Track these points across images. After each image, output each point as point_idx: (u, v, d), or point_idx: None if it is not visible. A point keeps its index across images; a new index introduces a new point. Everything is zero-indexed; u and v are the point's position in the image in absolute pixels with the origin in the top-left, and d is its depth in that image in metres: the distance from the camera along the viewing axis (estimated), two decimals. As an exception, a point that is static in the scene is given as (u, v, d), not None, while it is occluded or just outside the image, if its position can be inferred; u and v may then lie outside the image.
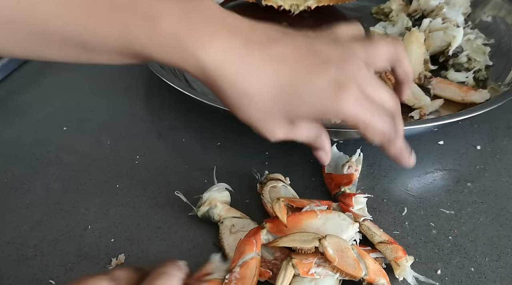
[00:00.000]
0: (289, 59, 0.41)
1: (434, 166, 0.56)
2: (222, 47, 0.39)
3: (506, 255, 0.46)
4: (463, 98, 0.63)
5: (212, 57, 0.39)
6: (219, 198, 0.49)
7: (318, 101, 0.40)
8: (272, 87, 0.40)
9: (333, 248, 0.39)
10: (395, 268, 0.43)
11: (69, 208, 0.52)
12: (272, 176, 0.52)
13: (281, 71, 0.40)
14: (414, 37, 0.67)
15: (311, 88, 0.40)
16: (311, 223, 0.43)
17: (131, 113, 0.65)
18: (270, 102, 0.40)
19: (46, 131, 0.62)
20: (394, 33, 0.75)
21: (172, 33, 0.39)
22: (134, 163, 0.57)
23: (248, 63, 0.39)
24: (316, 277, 0.40)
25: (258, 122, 0.41)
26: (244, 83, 0.39)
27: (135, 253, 0.47)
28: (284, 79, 0.40)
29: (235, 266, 0.40)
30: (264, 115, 0.41)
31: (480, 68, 0.69)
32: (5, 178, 0.56)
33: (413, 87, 0.64)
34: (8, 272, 0.46)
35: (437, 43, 0.69)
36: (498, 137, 0.60)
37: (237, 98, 0.40)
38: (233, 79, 0.39)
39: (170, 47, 0.39)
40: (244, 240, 0.42)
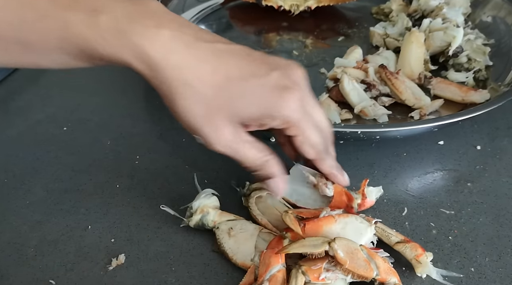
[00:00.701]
0: (237, 55, 0.41)
1: (434, 166, 0.56)
2: (169, 37, 0.39)
3: (506, 255, 0.46)
4: (463, 98, 0.63)
5: (158, 47, 0.38)
6: (210, 204, 0.48)
7: (262, 98, 0.41)
8: (218, 79, 0.40)
9: (343, 250, 0.39)
10: (417, 266, 0.43)
11: (69, 208, 0.52)
12: (255, 186, 0.50)
13: (229, 65, 0.40)
14: (414, 37, 0.67)
15: (257, 84, 0.40)
16: (330, 229, 0.43)
17: (131, 113, 0.65)
18: (213, 94, 0.40)
19: (46, 131, 0.62)
20: (394, 33, 0.75)
21: (115, 25, 0.38)
22: (134, 163, 0.57)
23: (195, 55, 0.39)
24: (327, 282, 0.40)
25: (200, 118, 0.40)
26: (189, 73, 0.39)
27: (135, 253, 0.47)
28: (230, 72, 0.40)
29: (263, 281, 0.40)
30: (206, 109, 0.40)
31: (480, 68, 0.69)
32: (5, 178, 0.56)
33: (414, 87, 0.64)
34: (8, 272, 0.46)
35: (437, 43, 0.69)
36: (498, 137, 0.60)
37: (180, 88, 0.39)
38: (178, 69, 0.39)
39: (113, 39, 0.38)
40: (268, 253, 0.41)
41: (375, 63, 0.66)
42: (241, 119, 0.42)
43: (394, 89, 0.63)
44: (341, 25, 0.84)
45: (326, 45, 0.79)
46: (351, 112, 0.62)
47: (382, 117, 0.61)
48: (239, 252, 0.45)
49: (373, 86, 0.63)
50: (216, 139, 0.42)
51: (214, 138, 0.41)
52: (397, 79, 0.63)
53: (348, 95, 0.62)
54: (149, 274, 0.45)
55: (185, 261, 0.46)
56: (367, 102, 0.62)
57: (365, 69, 0.65)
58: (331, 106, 0.63)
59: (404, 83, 0.63)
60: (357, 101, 0.62)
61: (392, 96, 0.64)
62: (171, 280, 0.45)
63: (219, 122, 0.41)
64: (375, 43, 0.77)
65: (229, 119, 0.41)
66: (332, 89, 0.65)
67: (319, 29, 0.83)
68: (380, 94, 0.64)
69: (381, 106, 0.62)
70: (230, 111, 0.41)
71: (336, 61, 0.69)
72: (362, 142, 0.59)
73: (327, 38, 0.81)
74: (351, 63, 0.68)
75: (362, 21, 0.85)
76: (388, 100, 0.63)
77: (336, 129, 0.52)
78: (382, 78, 0.64)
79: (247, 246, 0.45)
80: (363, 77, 0.65)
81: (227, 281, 0.44)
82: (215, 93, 0.40)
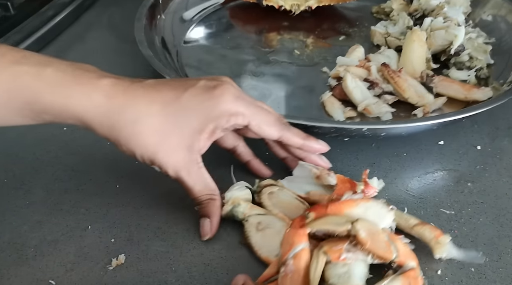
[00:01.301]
0: (167, 83, 0.46)
1: (434, 166, 0.56)
2: (110, 84, 0.43)
3: (507, 255, 0.46)
4: (466, 96, 0.63)
5: (101, 94, 0.43)
6: (242, 196, 0.49)
7: (199, 105, 0.44)
8: (157, 108, 0.44)
9: (365, 231, 0.40)
10: (436, 247, 0.44)
11: (69, 208, 0.52)
12: (265, 183, 0.51)
13: (162, 93, 0.45)
14: (415, 36, 0.67)
15: (189, 96, 0.44)
16: (351, 212, 0.43)
17: (131, 113, 0.65)
18: (159, 122, 0.44)
19: (46, 131, 0.62)
20: (395, 32, 0.75)
21: (60, 75, 0.42)
22: (134, 163, 0.57)
23: (133, 95, 0.44)
24: (348, 263, 0.40)
25: (153, 146, 0.44)
26: (132, 112, 0.43)
27: (135, 253, 0.47)
28: (165, 98, 0.44)
29: (288, 259, 0.40)
30: (158, 137, 0.44)
31: (482, 66, 0.69)
32: (5, 178, 0.56)
33: (416, 85, 0.64)
34: (8, 272, 0.46)
35: (439, 42, 0.69)
36: (499, 137, 0.60)
37: (130, 127, 0.43)
38: (123, 111, 0.43)
39: (59, 88, 0.42)
40: (291, 232, 0.42)
41: (377, 62, 0.66)
42: (190, 137, 0.45)
43: (397, 87, 0.63)
44: (342, 25, 0.84)
45: (327, 45, 0.79)
46: (355, 110, 0.62)
47: (385, 115, 0.61)
48: (264, 246, 0.46)
49: (376, 84, 0.64)
50: (169, 163, 0.45)
51: (167, 163, 0.45)
52: (399, 77, 0.63)
53: (352, 93, 0.63)
54: (149, 274, 0.45)
55: (185, 261, 0.46)
56: (371, 100, 0.62)
57: (367, 67, 0.65)
58: (334, 104, 0.63)
59: (406, 81, 0.63)
60: (360, 99, 0.62)
61: (395, 94, 0.64)
62: (171, 280, 0.45)
63: (171, 146, 0.45)
64: (376, 42, 0.77)
65: (180, 142, 0.45)
66: (335, 88, 0.65)
67: (320, 28, 0.83)
68: (383, 92, 0.64)
69: (384, 104, 0.62)
70: (178, 133, 0.44)
71: (339, 59, 0.69)
72: (366, 140, 0.59)
73: (328, 38, 0.81)
74: (354, 61, 0.68)
75: (363, 20, 0.85)
76: (391, 98, 0.63)
77: (341, 126, 0.53)
78: (385, 76, 0.64)
79: (273, 242, 0.45)
80: (366, 75, 0.65)
81: (227, 281, 0.44)
82: (160, 121, 0.44)
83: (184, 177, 0.46)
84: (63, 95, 0.42)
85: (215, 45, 0.79)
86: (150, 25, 0.74)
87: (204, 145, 0.47)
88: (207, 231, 0.47)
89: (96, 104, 0.43)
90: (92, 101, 0.43)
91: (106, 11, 0.89)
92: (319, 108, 0.64)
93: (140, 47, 0.66)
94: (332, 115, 0.62)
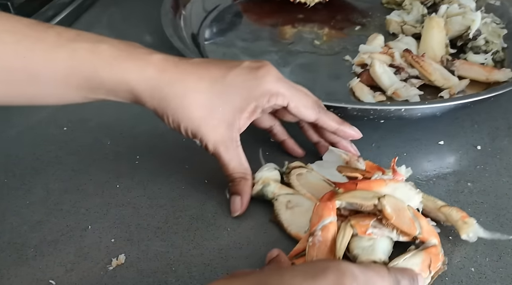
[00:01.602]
0: (214, 62, 0.49)
1: (434, 166, 0.56)
2: (161, 59, 0.46)
3: (507, 255, 0.46)
4: (487, 77, 0.66)
5: (153, 67, 0.46)
6: (271, 176, 0.51)
7: (243, 84, 0.47)
8: (205, 85, 0.47)
9: (391, 207, 0.42)
10: (463, 227, 0.45)
11: (69, 208, 0.52)
12: (294, 164, 0.53)
13: (209, 71, 0.47)
14: (435, 23, 0.70)
15: (235, 75, 0.47)
16: (380, 191, 0.44)
17: (131, 113, 0.65)
18: (205, 98, 0.47)
19: (46, 131, 0.62)
20: (411, 20, 0.78)
21: (115, 51, 0.45)
22: (134, 163, 0.57)
23: (183, 70, 0.47)
24: (373, 237, 0.42)
25: (198, 120, 0.47)
26: (181, 86, 0.46)
27: (135, 253, 0.47)
28: (212, 75, 0.47)
29: (316, 230, 0.43)
30: (202, 112, 0.47)
31: (498, 49, 0.72)
32: (5, 178, 0.56)
33: (440, 69, 0.67)
34: (8, 272, 0.46)
35: (456, 27, 0.72)
36: (499, 137, 0.60)
37: (178, 100, 0.46)
38: (172, 84, 0.46)
39: (115, 62, 0.45)
40: (321, 205, 0.44)
41: (398, 49, 0.70)
42: (232, 115, 0.48)
43: (423, 71, 0.66)
44: (355, 15, 0.86)
45: (343, 35, 0.81)
46: (383, 94, 0.65)
47: (414, 97, 0.64)
48: (293, 223, 0.48)
49: (402, 69, 0.67)
50: (210, 137, 0.47)
51: (208, 137, 0.47)
52: (424, 62, 0.66)
53: (380, 78, 0.65)
54: (149, 274, 0.45)
55: (185, 261, 0.46)
56: (399, 84, 0.65)
57: (391, 54, 0.69)
58: (364, 90, 0.66)
59: (431, 65, 0.66)
60: (388, 84, 0.65)
61: (421, 77, 0.67)
62: (171, 280, 0.45)
63: (214, 121, 0.47)
64: (392, 31, 0.80)
65: (223, 119, 0.47)
66: (362, 74, 0.68)
67: (335, 19, 0.85)
68: (409, 76, 0.67)
69: (412, 87, 0.65)
70: (221, 110, 0.47)
71: (361, 47, 0.72)
72: (402, 121, 0.60)
73: (343, 28, 0.83)
74: (377, 49, 0.71)
75: (375, 11, 0.87)
76: (418, 82, 0.67)
77: (380, 107, 0.56)
78: (409, 61, 0.67)
79: (302, 219, 0.47)
80: (390, 61, 0.68)
81: (227, 281, 0.44)
82: (206, 96, 0.47)
83: (221, 152, 0.48)
84: (119, 69, 0.45)
85: (235, 39, 0.80)
86: (175, 20, 0.76)
87: (244, 124, 0.49)
88: (238, 208, 0.49)
89: (148, 77, 0.45)
90: (145, 75, 0.45)
91: (106, 11, 0.89)
92: (348, 94, 0.67)
93: (171, 40, 0.68)
94: (362, 100, 0.65)
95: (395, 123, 0.61)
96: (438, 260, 0.43)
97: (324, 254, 0.42)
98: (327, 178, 0.51)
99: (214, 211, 0.51)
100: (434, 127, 0.61)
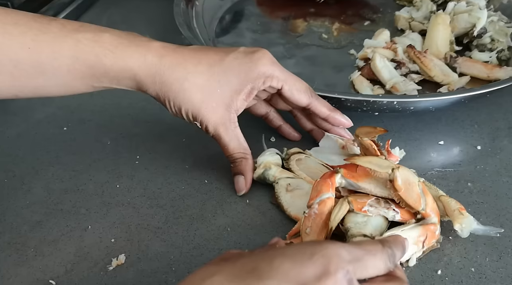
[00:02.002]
0: (211, 49, 0.52)
1: (434, 166, 0.56)
2: (160, 46, 0.48)
3: (507, 256, 0.46)
4: (489, 75, 0.66)
5: (153, 53, 0.47)
6: (273, 161, 0.53)
7: (240, 67, 0.49)
8: (203, 68, 0.49)
9: (402, 179, 0.43)
10: (458, 217, 0.46)
11: (69, 208, 0.52)
12: (293, 150, 0.54)
13: (208, 55, 0.50)
14: (440, 19, 0.71)
15: (232, 59, 0.49)
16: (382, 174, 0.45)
17: (131, 114, 0.65)
18: (204, 81, 0.49)
19: (46, 131, 0.62)
20: (419, 17, 0.79)
21: (117, 39, 0.47)
22: (134, 163, 0.57)
23: (182, 55, 0.49)
24: (368, 215, 0.44)
25: (198, 103, 0.49)
26: (181, 70, 0.48)
27: (135, 253, 0.47)
28: (211, 60, 0.49)
29: (314, 203, 0.44)
30: (204, 93, 0.49)
31: (503, 48, 0.72)
32: (6, 179, 0.56)
33: (441, 65, 0.67)
34: (8, 272, 0.46)
35: (462, 25, 0.73)
36: (499, 137, 0.60)
37: (178, 83, 0.48)
38: (172, 69, 0.48)
39: (117, 50, 0.46)
40: (321, 181, 0.45)
41: (403, 44, 0.71)
42: (230, 97, 0.50)
43: (423, 66, 0.67)
44: (366, 11, 0.87)
45: (353, 29, 0.82)
46: (382, 88, 0.66)
47: (412, 92, 0.65)
48: (293, 205, 0.49)
49: (402, 64, 0.68)
50: (210, 119, 0.49)
51: (208, 119, 0.49)
52: (425, 57, 0.67)
53: (380, 72, 0.67)
54: (149, 274, 0.45)
55: (185, 261, 0.46)
56: (398, 78, 0.66)
57: (394, 49, 0.70)
58: (363, 83, 0.67)
59: (432, 61, 0.67)
60: (388, 78, 0.66)
61: (421, 73, 0.68)
62: (171, 280, 0.45)
63: (213, 103, 0.49)
64: (400, 27, 0.81)
65: (221, 101, 0.49)
66: (363, 68, 0.69)
67: (345, 14, 0.86)
68: (409, 71, 0.68)
69: (411, 82, 0.66)
70: (219, 92, 0.49)
71: (366, 42, 0.73)
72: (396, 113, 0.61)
73: (353, 23, 0.84)
74: (380, 43, 0.72)
75: (386, 7, 0.88)
76: (417, 77, 0.67)
77: (373, 99, 0.56)
78: (411, 57, 0.68)
79: (301, 201, 0.49)
80: (392, 56, 0.70)
81: (227, 281, 0.44)
82: (205, 79, 0.49)
83: (221, 133, 0.50)
84: (121, 57, 0.47)
85: (246, 30, 0.82)
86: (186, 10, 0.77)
87: (241, 105, 0.51)
88: (242, 187, 0.52)
89: (150, 63, 0.47)
90: (147, 61, 0.47)
91: (106, 11, 0.89)
92: (348, 86, 0.68)
93: (181, 29, 0.69)
94: (361, 93, 0.66)
95: (395, 123, 0.61)
96: (433, 237, 0.45)
97: (318, 226, 0.44)
98: (325, 162, 0.53)
99: (214, 211, 0.51)
100: (434, 127, 0.61)
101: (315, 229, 0.44)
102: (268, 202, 0.52)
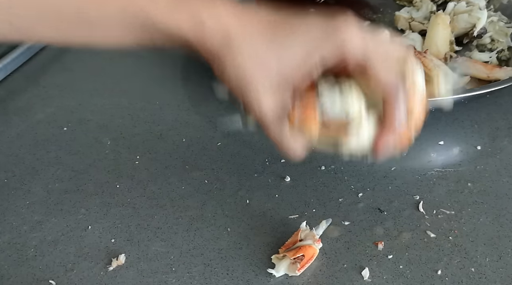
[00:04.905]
0: (279, 14, 0.45)
1: (434, 166, 0.56)
2: (221, 5, 0.43)
3: (507, 256, 0.46)
4: (488, 75, 0.66)
5: (205, 17, 0.42)
6: None
7: (314, 32, 0.43)
8: (264, 25, 0.43)
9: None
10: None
11: (69, 208, 0.52)
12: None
13: (273, 15, 0.44)
14: (440, 19, 0.71)
15: (306, 23, 0.44)
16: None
17: (131, 113, 0.65)
18: (263, 40, 0.42)
19: (46, 132, 0.62)
20: (419, 17, 0.79)
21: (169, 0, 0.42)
22: (134, 163, 0.57)
23: (243, 19, 0.43)
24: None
25: (248, 70, 0.42)
26: (239, 32, 0.42)
27: (135, 253, 0.47)
28: (277, 18, 0.44)
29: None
30: (255, 61, 0.42)
31: (503, 48, 0.72)
32: (6, 179, 0.56)
33: (441, 65, 0.67)
34: (8, 272, 0.46)
35: (462, 25, 0.73)
36: (499, 137, 0.60)
37: (233, 46, 0.42)
38: (227, 31, 0.42)
39: (170, 7, 0.42)
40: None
41: None
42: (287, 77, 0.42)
43: (423, 66, 0.66)
44: (366, 11, 0.87)
45: None
46: None
47: None
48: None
49: None
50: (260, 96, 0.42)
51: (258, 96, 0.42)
52: (425, 58, 0.66)
53: None
54: (149, 274, 0.45)
55: (185, 261, 0.46)
56: None
57: None
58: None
59: (432, 61, 0.66)
60: None
61: None
62: (171, 280, 0.45)
63: (264, 79, 0.42)
64: (400, 27, 0.80)
65: (274, 80, 0.42)
66: None
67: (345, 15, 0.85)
68: None
69: None
70: (279, 65, 0.42)
71: None
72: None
73: None
74: None
75: (386, 7, 0.87)
76: None
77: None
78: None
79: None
80: None
81: (227, 281, 0.44)
82: (264, 40, 0.42)
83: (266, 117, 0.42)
84: (174, 13, 0.42)
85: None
86: None
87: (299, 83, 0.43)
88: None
89: (202, 22, 0.42)
90: (201, 20, 0.42)
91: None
92: None
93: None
94: None
95: (395, 123, 0.61)
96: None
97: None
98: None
99: (214, 211, 0.51)
100: (434, 127, 0.61)
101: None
102: (268, 202, 0.51)
